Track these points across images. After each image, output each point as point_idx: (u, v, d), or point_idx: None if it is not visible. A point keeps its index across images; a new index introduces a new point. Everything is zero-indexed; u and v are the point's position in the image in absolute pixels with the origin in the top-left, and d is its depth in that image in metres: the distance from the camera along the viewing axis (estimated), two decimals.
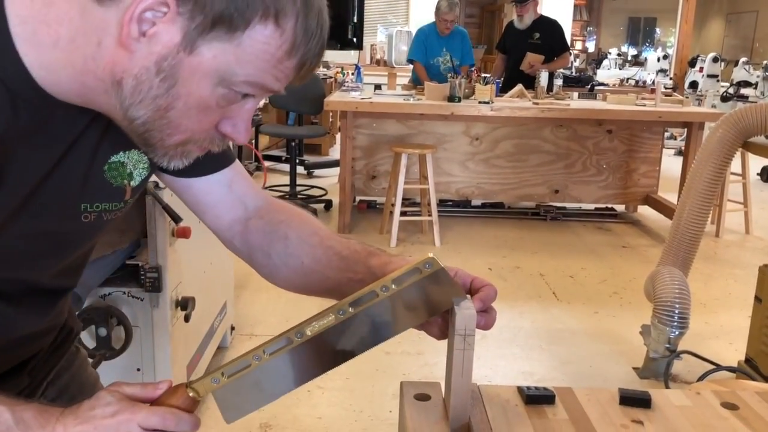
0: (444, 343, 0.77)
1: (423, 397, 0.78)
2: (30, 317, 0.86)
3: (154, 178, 0.93)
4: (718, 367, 2.58)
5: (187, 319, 2.08)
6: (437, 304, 0.74)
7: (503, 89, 5.07)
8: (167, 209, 1.89)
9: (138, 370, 2.06)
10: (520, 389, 0.80)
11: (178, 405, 0.71)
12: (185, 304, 2.07)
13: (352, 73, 6.13)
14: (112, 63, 0.66)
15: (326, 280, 0.86)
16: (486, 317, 0.76)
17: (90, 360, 1.96)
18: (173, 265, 2.03)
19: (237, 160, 0.99)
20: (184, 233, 2.00)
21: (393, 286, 0.73)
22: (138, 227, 2.03)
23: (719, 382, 1.44)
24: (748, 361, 2.63)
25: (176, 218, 1.90)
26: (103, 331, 1.95)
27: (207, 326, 2.45)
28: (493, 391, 0.80)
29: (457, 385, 0.73)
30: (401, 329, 0.75)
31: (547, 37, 5.47)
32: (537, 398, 0.78)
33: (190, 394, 0.72)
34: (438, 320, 0.77)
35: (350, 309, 0.73)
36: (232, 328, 2.89)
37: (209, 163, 0.92)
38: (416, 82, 5.56)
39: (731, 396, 0.81)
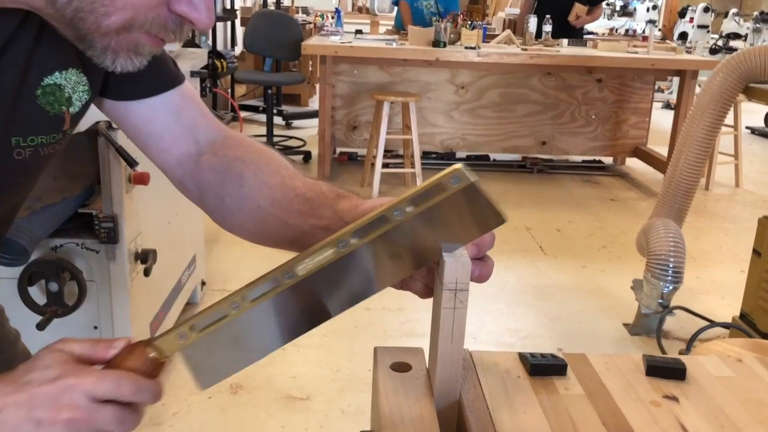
0: (429, 301, 0.61)
1: (402, 367, 0.63)
2: None
3: (106, 117, 0.79)
4: (712, 324, 2.47)
5: (147, 273, 1.91)
6: (463, 234, 0.57)
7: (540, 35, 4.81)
8: (121, 152, 1.70)
9: (95, 328, 1.90)
10: (522, 357, 0.64)
11: (137, 368, 0.56)
12: (145, 257, 1.90)
13: (332, 17, 5.86)
14: None
15: (286, 226, 0.71)
16: (482, 266, 0.60)
17: (41, 318, 1.81)
18: (131, 214, 1.85)
19: (188, 83, 0.82)
20: (142, 179, 1.82)
21: (409, 210, 0.55)
22: (91, 172, 1.85)
23: (730, 341, 1.31)
24: (743, 316, 2.52)
25: (131, 162, 1.71)
26: (54, 286, 1.78)
27: (173, 281, 2.28)
28: (490, 358, 0.65)
29: (444, 353, 0.57)
30: (416, 266, 0.59)
31: None
32: (544, 368, 0.62)
33: (152, 354, 0.57)
34: (422, 272, 0.61)
35: (353, 240, 0.56)
36: (203, 284, 2.73)
37: (150, 82, 0.76)
38: (400, 27, 5.32)
39: None
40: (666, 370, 0.62)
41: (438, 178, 0.55)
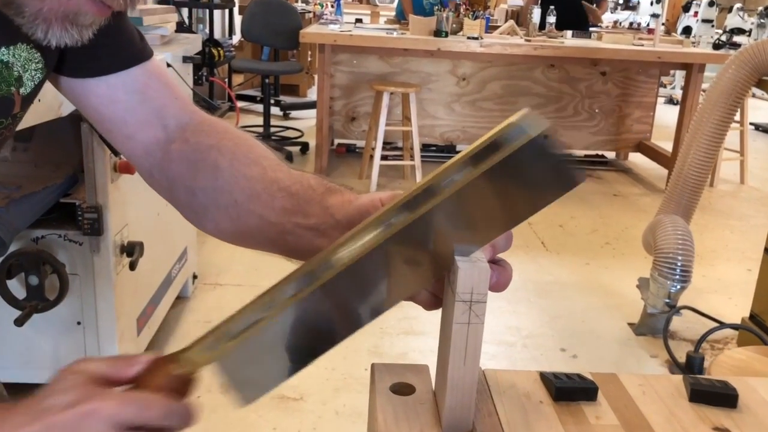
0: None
1: (404, 389, 0.54)
2: None
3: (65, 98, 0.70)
4: (722, 325, 2.37)
5: (132, 266, 1.81)
6: (529, 203, 0.47)
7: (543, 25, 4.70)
8: (104, 138, 1.60)
9: (78, 323, 1.81)
10: (545, 377, 0.56)
11: (165, 386, 0.48)
12: (131, 250, 1.81)
13: (332, 5, 5.74)
14: None
15: (267, 225, 0.61)
16: (500, 272, 0.51)
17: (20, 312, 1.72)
18: (116, 205, 1.76)
19: (156, 60, 0.72)
20: (128, 168, 1.73)
21: (466, 172, 0.45)
22: (74, 160, 1.75)
23: (748, 350, 1.22)
24: (753, 317, 2.44)
25: (115, 150, 1.62)
26: (34, 280, 1.69)
27: (162, 275, 2.19)
28: (507, 379, 0.56)
29: (456, 376, 0.48)
30: (480, 242, 0.48)
31: None
32: (571, 392, 0.53)
33: (181, 370, 0.49)
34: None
35: (402, 216, 0.46)
36: (195, 277, 2.64)
37: (110, 57, 0.67)
38: (401, 17, 5.21)
39: None
40: (713, 395, 0.53)
41: (501, 128, 0.45)
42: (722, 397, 0.53)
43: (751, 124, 6.50)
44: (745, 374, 1.10)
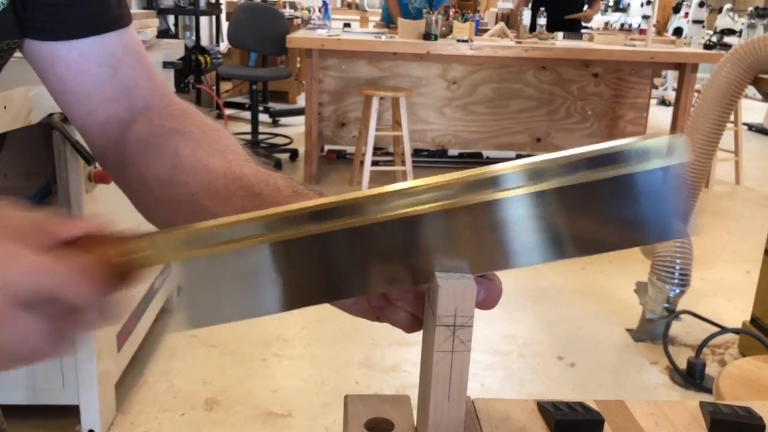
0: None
1: (381, 425, 0.46)
2: None
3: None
4: (723, 330, 2.32)
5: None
6: (610, 238, 0.40)
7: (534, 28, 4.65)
8: (78, 147, 1.53)
9: None
10: (543, 408, 0.48)
11: (100, 264, 0.38)
12: None
13: (320, 10, 5.68)
14: None
15: None
16: (488, 286, 0.44)
17: None
18: (92, 216, 1.68)
19: (133, 31, 0.65)
20: (103, 178, 1.65)
21: (564, 179, 0.38)
22: (47, 170, 1.68)
23: (756, 360, 1.15)
24: (754, 321, 2.38)
25: (89, 158, 1.55)
26: None
27: (143, 288, 2.11)
28: (500, 409, 0.48)
29: (439, 413, 0.41)
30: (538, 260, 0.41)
31: None
32: (573, 426, 0.46)
33: (125, 257, 0.40)
34: (407, 297, 0.45)
35: (460, 196, 0.39)
36: (180, 289, 2.56)
37: (83, 18, 0.60)
38: (388, 21, 5.15)
39: None
40: (737, 426, 0.46)
41: (631, 141, 0.37)
42: (748, 428, 0.46)
43: (744, 124, 6.47)
44: (756, 386, 1.03)
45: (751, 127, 6.67)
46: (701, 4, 7.88)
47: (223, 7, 6.05)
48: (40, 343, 0.36)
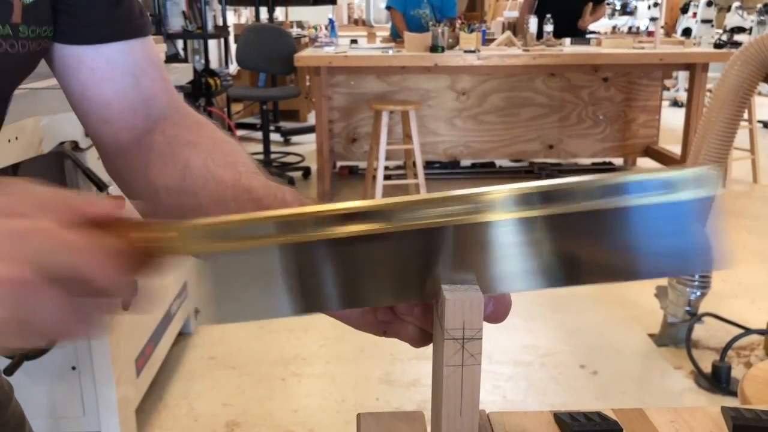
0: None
1: None
2: None
3: (72, 136, 0.63)
4: (748, 331, 2.28)
5: (125, 306, 1.74)
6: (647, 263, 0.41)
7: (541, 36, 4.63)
8: (89, 174, 1.55)
9: (73, 368, 1.74)
10: (559, 419, 0.47)
11: (124, 246, 0.37)
12: None
13: (326, 27, 5.72)
14: None
15: None
16: (496, 299, 0.43)
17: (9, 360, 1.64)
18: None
19: (151, 39, 0.66)
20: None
21: (611, 199, 0.38)
22: None
23: None
24: None
25: (101, 185, 1.56)
26: None
27: (161, 312, 2.12)
28: (515, 423, 0.47)
29: (452, 428, 0.40)
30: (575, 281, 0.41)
31: None
32: None
33: (151, 243, 0.39)
34: (415, 311, 0.44)
35: (509, 207, 0.39)
36: (197, 312, 2.56)
37: (110, 24, 0.61)
38: (395, 36, 5.17)
39: None
40: (761, 431, 0.45)
41: (672, 170, 0.38)
42: None
43: (759, 121, 6.41)
44: None
45: (766, 124, 6.59)
46: (709, 3, 7.84)
47: (230, 29, 6.11)
48: (63, 319, 0.36)
